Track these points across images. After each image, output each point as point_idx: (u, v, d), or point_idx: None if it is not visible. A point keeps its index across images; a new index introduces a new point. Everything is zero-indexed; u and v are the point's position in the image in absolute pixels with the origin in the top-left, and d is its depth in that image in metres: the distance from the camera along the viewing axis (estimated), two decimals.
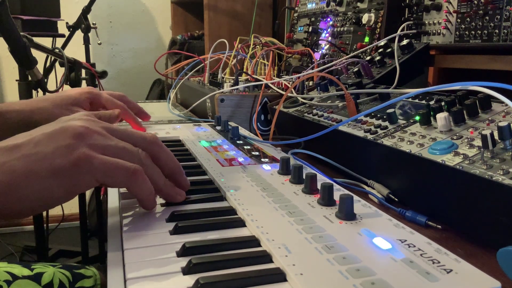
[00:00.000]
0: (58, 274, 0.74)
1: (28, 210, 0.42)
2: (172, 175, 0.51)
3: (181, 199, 0.50)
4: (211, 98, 1.04)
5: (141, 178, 0.45)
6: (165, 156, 0.50)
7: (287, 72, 1.34)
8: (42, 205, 0.43)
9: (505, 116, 0.55)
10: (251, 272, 0.34)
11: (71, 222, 2.60)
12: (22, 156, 0.42)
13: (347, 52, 1.19)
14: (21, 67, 1.44)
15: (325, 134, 0.66)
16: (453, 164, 0.48)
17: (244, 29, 2.07)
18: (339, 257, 0.35)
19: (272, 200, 0.48)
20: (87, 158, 0.42)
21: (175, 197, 0.50)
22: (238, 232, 0.43)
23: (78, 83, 1.63)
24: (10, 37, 1.17)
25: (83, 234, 1.95)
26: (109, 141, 0.46)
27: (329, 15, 1.34)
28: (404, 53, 0.91)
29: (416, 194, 0.55)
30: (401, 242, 0.38)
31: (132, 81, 2.94)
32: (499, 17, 0.77)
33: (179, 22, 2.74)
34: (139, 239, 0.41)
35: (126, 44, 2.95)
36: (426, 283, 0.32)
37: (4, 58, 2.69)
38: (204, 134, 0.84)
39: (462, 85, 0.55)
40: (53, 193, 0.42)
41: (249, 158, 0.65)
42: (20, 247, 2.39)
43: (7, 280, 0.68)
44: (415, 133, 0.60)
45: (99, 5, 2.57)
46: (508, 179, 0.42)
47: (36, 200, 0.42)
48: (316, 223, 0.42)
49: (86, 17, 1.77)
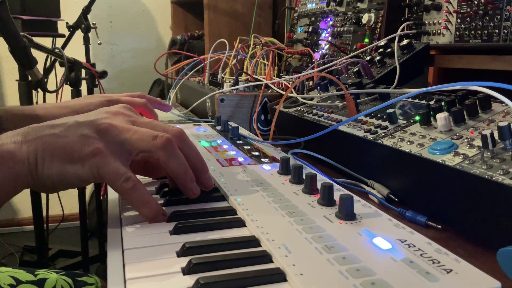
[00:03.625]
0: (60, 281, 0.75)
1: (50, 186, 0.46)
2: (194, 172, 0.49)
3: (193, 196, 0.49)
4: (211, 98, 1.04)
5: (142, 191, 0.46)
6: (188, 150, 0.49)
7: (287, 72, 1.34)
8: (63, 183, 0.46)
9: (505, 116, 0.55)
10: (251, 272, 0.34)
11: (71, 222, 2.60)
12: (52, 135, 0.46)
13: (347, 52, 1.19)
14: (21, 67, 1.44)
15: (325, 134, 0.66)
16: (453, 164, 0.48)
17: (244, 29, 2.07)
18: (339, 257, 0.35)
19: (272, 200, 0.48)
20: (99, 153, 0.45)
21: (188, 191, 0.49)
22: (238, 232, 0.43)
23: (78, 83, 1.64)
24: (10, 37, 1.18)
25: (83, 234, 1.95)
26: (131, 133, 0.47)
27: (329, 15, 1.34)
28: (404, 53, 0.91)
29: (416, 194, 0.55)
30: (401, 242, 0.38)
31: (132, 81, 2.94)
32: (499, 17, 0.77)
33: (179, 22, 2.74)
34: (139, 239, 0.41)
35: (126, 44, 2.95)
36: (426, 283, 0.32)
37: (4, 58, 2.69)
38: (204, 134, 0.84)
39: (462, 85, 0.55)
40: (68, 176, 0.45)
41: (249, 158, 0.65)
42: (20, 247, 2.39)
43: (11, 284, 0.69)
44: (415, 133, 0.60)
45: (99, 5, 2.56)
46: (508, 179, 0.42)
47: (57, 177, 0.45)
48: (316, 223, 0.42)
49: (86, 17, 1.77)
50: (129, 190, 0.45)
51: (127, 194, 0.45)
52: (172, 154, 0.47)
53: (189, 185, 0.48)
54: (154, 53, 2.88)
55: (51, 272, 0.75)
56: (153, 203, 0.46)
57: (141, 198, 0.45)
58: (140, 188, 0.45)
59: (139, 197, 0.45)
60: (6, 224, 2.76)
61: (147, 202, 0.45)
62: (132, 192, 0.45)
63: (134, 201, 0.45)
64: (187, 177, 0.48)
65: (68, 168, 0.45)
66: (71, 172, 0.45)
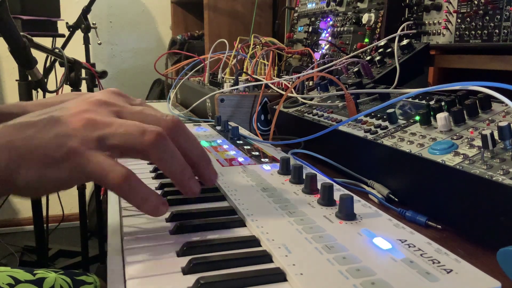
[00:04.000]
0: (59, 280, 0.74)
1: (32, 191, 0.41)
2: (195, 166, 0.44)
3: (192, 195, 0.43)
4: (211, 98, 1.04)
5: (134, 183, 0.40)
6: (186, 143, 0.44)
7: (287, 72, 1.34)
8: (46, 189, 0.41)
9: (505, 116, 0.55)
10: (251, 272, 0.34)
11: (71, 222, 2.60)
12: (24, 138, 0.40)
13: (347, 52, 1.19)
14: (21, 67, 1.44)
15: (325, 134, 0.66)
16: (453, 164, 0.48)
17: (244, 29, 2.07)
18: (339, 257, 0.35)
19: (272, 200, 0.48)
20: (75, 154, 0.39)
21: (186, 191, 0.43)
22: (238, 232, 0.43)
23: (78, 83, 1.64)
24: (10, 37, 1.18)
25: (83, 234, 1.95)
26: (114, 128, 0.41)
27: (329, 15, 1.34)
28: (404, 53, 0.91)
29: (416, 194, 0.55)
30: (401, 242, 0.38)
31: (132, 81, 2.94)
32: (499, 17, 0.77)
33: (179, 22, 2.74)
34: (139, 239, 0.41)
35: (126, 44, 2.95)
36: (426, 283, 0.32)
37: (4, 58, 2.69)
38: (204, 134, 0.84)
39: (462, 85, 0.55)
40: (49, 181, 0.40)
41: (249, 158, 0.65)
42: (20, 247, 2.39)
43: (10, 283, 0.69)
44: (415, 133, 0.60)
45: (99, 5, 2.56)
46: (508, 179, 0.42)
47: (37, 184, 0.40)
48: (316, 223, 0.42)
49: (86, 17, 1.77)
50: (121, 185, 0.39)
51: (120, 190, 0.39)
52: (164, 152, 0.41)
53: (186, 184, 0.43)
54: (154, 53, 2.88)
55: (50, 272, 0.75)
56: (152, 197, 0.40)
57: (138, 193, 0.40)
58: (133, 180, 0.39)
59: (135, 192, 0.40)
60: (6, 224, 2.76)
61: (145, 197, 0.40)
62: (125, 187, 0.39)
63: (130, 197, 0.40)
64: (183, 176, 0.42)
65: (47, 173, 0.39)
66: (51, 177, 0.39)
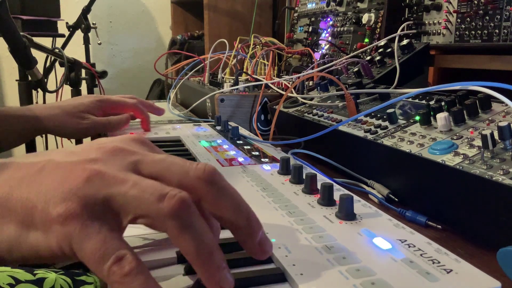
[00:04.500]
0: (59, 280, 0.74)
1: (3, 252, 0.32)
2: (238, 232, 0.33)
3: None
4: (211, 98, 1.04)
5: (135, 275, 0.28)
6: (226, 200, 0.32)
7: (287, 72, 1.34)
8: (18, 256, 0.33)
9: (505, 116, 0.55)
10: (251, 272, 0.34)
11: None
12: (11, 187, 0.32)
13: (347, 52, 1.19)
14: (21, 67, 1.44)
15: (325, 134, 0.66)
16: (453, 164, 0.48)
17: (244, 29, 2.07)
18: (339, 257, 0.35)
19: (272, 200, 0.48)
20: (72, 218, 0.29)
21: (211, 284, 0.29)
22: None
23: (78, 83, 1.64)
24: (10, 37, 1.18)
25: None
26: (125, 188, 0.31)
27: (329, 15, 1.34)
28: (404, 53, 0.91)
29: (416, 194, 0.55)
30: (401, 242, 0.38)
31: (132, 81, 2.94)
32: (499, 17, 0.77)
33: (179, 22, 2.74)
34: (139, 239, 0.41)
35: (126, 44, 2.95)
36: (426, 283, 0.32)
37: (4, 58, 2.70)
38: (204, 134, 0.84)
39: (462, 85, 0.55)
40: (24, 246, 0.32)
41: (249, 158, 0.65)
42: None
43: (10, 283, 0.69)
44: (415, 133, 0.60)
45: (99, 5, 2.56)
46: (508, 179, 0.42)
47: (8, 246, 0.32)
48: (316, 223, 0.42)
49: (86, 17, 1.77)
50: (123, 278, 0.28)
51: (119, 283, 0.28)
52: (185, 226, 0.29)
53: (214, 275, 0.29)
54: (154, 53, 2.88)
55: (50, 272, 0.75)
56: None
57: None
58: (140, 273, 0.28)
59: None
60: None
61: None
62: (127, 280, 0.28)
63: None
64: (211, 265, 0.29)
65: (26, 236, 0.31)
66: (29, 242, 0.31)
